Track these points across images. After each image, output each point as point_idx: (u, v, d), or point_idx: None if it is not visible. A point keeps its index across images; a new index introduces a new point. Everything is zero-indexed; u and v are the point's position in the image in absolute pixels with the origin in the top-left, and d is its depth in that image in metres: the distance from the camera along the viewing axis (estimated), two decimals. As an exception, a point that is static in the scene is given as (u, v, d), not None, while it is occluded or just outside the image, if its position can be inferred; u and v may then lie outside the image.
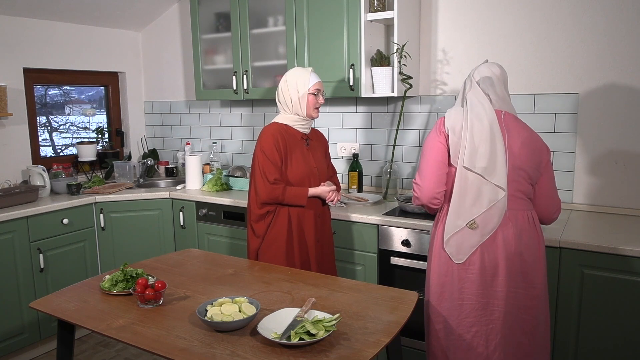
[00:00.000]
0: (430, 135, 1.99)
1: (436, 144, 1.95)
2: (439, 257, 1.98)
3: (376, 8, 2.83)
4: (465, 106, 1.95)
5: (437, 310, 1.99)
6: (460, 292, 1.93)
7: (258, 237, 2.39)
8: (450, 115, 1.95)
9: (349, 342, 1.48)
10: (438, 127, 1.97)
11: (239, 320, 1.56)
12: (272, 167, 2.30)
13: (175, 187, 3.63)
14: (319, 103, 2.40)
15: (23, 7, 3.34)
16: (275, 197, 2.31)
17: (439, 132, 1.96)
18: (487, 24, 2.85)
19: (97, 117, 4.28)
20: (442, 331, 1.98)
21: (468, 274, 1.91)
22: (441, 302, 1.97)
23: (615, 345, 2.14)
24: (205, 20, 3.54)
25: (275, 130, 2.36)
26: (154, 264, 2.22)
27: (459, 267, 1.93)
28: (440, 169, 1.94)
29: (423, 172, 1.96)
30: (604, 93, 2.59)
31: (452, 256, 1.94)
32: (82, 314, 1.74)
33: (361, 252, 2.75)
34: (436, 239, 2.01)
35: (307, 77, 2.37)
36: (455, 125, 1.92)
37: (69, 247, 3.24)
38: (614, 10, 2.52)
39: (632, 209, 2.59)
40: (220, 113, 3.97)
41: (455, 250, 1.93)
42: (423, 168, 1.97)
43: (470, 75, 2.01)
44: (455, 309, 1.94)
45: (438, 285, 1.98)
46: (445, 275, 1.96)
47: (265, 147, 2.32)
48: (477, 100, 1.93)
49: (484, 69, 2.00)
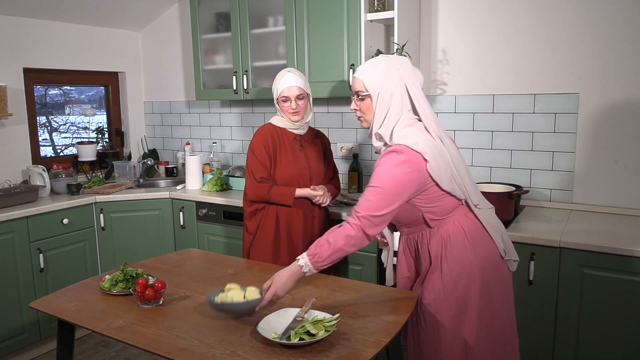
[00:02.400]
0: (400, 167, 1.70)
1: (403, 184, 1.70)
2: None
3: (376, 8, 2.83)
4: (431, 131, 1.73)
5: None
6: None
7: (250, 234, 2.49)
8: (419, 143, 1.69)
9: (349, 342, 1.48)
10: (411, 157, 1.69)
11: (238, 304, 1.62)
12: (260, 166, 2.37)
13: (175, 187, 3.63)
14: (291, 108, 2.40)
15: (23, 7, 3.34)
16: (261, 195, 2.38)
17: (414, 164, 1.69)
18: (487, 24, 2.85)
19: (97, 117, 4.28)
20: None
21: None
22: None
23: (616, 345, 2.13)
24: (205, 20, 3.54)
25: (266, 130, 2.43)
26: (154, 264, 2.22)
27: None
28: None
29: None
30: (604, 93, 2.59)
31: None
32: (82, 314, 1.74)
33: (361, 252, 2.75)
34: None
35: (278, 83, 2.41)
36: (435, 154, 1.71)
37: (69, 247, 3.24)
38: (614, 10, 2.52)
39: (632, 209, 2.59)
40: (220, 113, 3.97)
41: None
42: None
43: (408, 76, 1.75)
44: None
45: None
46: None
47: (254, 146, 2.41)
48: (437, 121, 1.77)
49: (419, 72, 1.79)
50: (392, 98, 1.73)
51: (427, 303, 1.79)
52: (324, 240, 1.70)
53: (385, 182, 1.67)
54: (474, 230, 1.80)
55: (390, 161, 1.68)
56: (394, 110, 1.74)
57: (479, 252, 1.78)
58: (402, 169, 1.66)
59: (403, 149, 1.67)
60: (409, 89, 1.74)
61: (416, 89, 1.75)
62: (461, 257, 1.77)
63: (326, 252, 1.68)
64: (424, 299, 1.81)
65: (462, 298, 1.77)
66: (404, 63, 1.77)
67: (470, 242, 1.78)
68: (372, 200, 1.68)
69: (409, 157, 1.67)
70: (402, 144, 1.68)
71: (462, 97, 2.96)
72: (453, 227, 1.79)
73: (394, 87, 1.73)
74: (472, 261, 1.77)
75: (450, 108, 3.01)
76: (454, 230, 1.79)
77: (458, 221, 1.80)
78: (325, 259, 1.68)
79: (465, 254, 1.77)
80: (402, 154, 1.67)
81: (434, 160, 1.68)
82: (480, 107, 2.92)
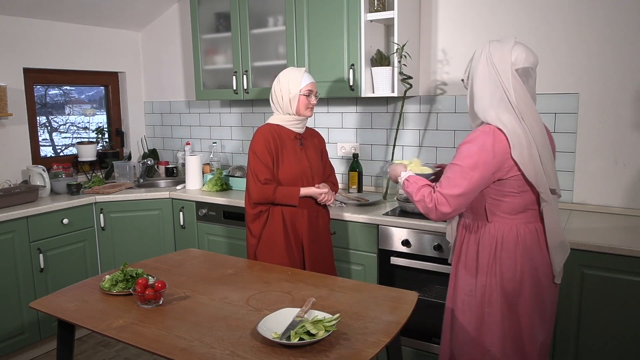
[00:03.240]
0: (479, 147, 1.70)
1: (485, 167, 1.70)
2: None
3: (376, 8, 2.83)
4: (519, 115, 1.69)
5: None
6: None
7: (255, 237, 2.43)
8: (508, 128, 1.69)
9: (349, 342, 1.48)
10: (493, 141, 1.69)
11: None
12: (263, 168, 2.34)
13: (175, 187, 3.63)
14: (311, 104, 2.42)
15: (23, 7, 3.34)
16: (266, 197, 2.35)
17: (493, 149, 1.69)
18: (487, 24, 2.85)
19: (97, 117, 4.28)
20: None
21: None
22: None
23: (616, 345, 2.13)
24: (205, 20, 3.54)
25: (267, 131, 2.40)
26: (154, 264, 2.22)
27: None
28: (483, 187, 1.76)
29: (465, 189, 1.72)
30: (604, 93, 2.59)
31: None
32: (82, 314, 1.74)
33: (361, 252, 2.75)
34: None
35: (299, 78, 2.38)
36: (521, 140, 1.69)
37: (69, 247, 3.24)
38: (614, 10, 2.52)
39: (632, 209, 2.59)
40: (220, 113, 3.97)
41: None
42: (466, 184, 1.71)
43: (505, 60, 1.71)
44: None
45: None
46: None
47: (256, 148, 2.37)
48: (528, 108, 1.70)
49: (524, 54, 1.73)
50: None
51: (461, 300, 1.87)
52: (418, 186, 1.83)
53: (465, 161, 1.71)
54: (529, 240, 1.78)
55: (475, 141, 1.71)
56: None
57: (526, 267, 1.77)
58: (483, 150, 1.68)
59: (490, 129, 1.70)
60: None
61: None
62: (506, 264, 1.77)
63: (411, 190, 1.84)
64: (458, 292, 1.88)
65: (488, 309, 1.80)
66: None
67: (522, 251, 1.77)
68: (451, 177, 1.73)
69: (493, 138, 1.68)
70: (491, 125, 1.71)
71: (462, 97, 2.96)
72: (509, 231, 1.78)
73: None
74: (515, 272, 1.77)
75: (450, 108, 3.01)
76: (510, 234, 1.77)
77: (516, 227, 1.78)
78: (407, 191, 1.87)
79: (511, 262, 1.77)
80: (487, 135, 1.69)
81: (519, 145, 1.68)
82: (480, 107, 2.91)
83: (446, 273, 2.49)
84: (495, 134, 1.69)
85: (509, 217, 1.78)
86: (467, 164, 1.70)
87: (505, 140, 1.68)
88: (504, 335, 1.80)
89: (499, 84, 1.70)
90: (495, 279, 1.79)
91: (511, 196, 1.75)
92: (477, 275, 1.83)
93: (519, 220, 1.78)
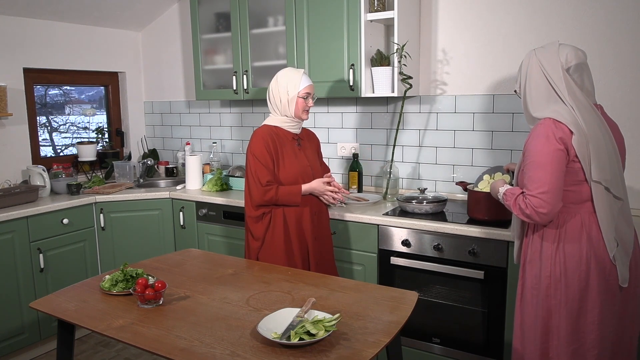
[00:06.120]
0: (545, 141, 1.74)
1: (558, 153, 1.73)
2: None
3: (376, 8, 2.83)
4: (572, 107, 1.75)
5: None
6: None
7: (257, 240, 2.40)
8: (566, 119, 1.73)
9: (349, 342, 1.48)
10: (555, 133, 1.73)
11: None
12: (264, 170, 2.33)
13: (175, 187, 3.63)
14: (308, 106, 2.41)
15: (23, 7, 3.34)
16: (269, 199, 2.33)
17: (558, 140, 1.73)
18: (487, 24, 2.85)
19: (97, 117, 4.28)
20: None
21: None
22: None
23: (615, 345, 2.13)
24: (205, 20, 3.54)
25: (265, 132, 2.38)
26: (154, 264, 2.22)
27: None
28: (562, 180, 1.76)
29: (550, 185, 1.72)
30: (604, 93, 2.59)
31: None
32: (82, 314, 1.74)
33: (361, 252, 2.75)
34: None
35: (298, 80, 2.38)
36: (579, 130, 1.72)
37: (69, 247, 3.24)
38: (614, 10, 2.52)
39: (632, 209, 2.58)
40: (220, 113, 3.97)
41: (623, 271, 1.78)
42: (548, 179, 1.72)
43: (556, 61, 1.78)
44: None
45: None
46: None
47: (255, 150, 2.35)
48: (582, 100, 1.76)
49: (572, 53, 1.79)
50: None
51: (529, 293, 1.87)
52: (514, 197, 1.81)
53: (537, 157, 1.73)
54: (595, 230, 1.77)
55: (539, 135, 1.75)
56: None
57: (592, 255, 1.75)
58: (548, 139, 1.72)
59: (549, 120, 1.74)
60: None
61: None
62: (570, 253, 1.77)
63: (509, 204, 1.84)
64: (526, 285, 1.88)
65: (554, 300, 1.79)
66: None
67: (587, 240, 1.76)
68: (532, 176, 1.74)
69: (554, 126, 1.72)
70: (549, 118, 1.75)
71: (462, 97, 2.96)
72: (574, 219, 1.78)
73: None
74: (580, 262, 1.76)
75: (450, 108, 3.01)
76: (574, 223, 1.78)
77: (580, 216, 1.78)
78: (507, 205, 1.86)
79: (575, 251, 1.76)
80: (548, 126, 1.73)
81: (577, 133, 1.70)
82: (480, 107, 2.92)
83: (446, 273, 2.50)
84: (555, 123, 1.74)
85: (573, 207, 1.79)
86: (540, 159, 1.73)
87: (566, 128, 1.72)
88: (572, 326, 1.78)
89: (553, 87, 1.79)
90: (559, 267, 1.78)
91: (575, 185, 1.77)
92: (541, 267, 1.83)
93: (584, 210, 1.79)
